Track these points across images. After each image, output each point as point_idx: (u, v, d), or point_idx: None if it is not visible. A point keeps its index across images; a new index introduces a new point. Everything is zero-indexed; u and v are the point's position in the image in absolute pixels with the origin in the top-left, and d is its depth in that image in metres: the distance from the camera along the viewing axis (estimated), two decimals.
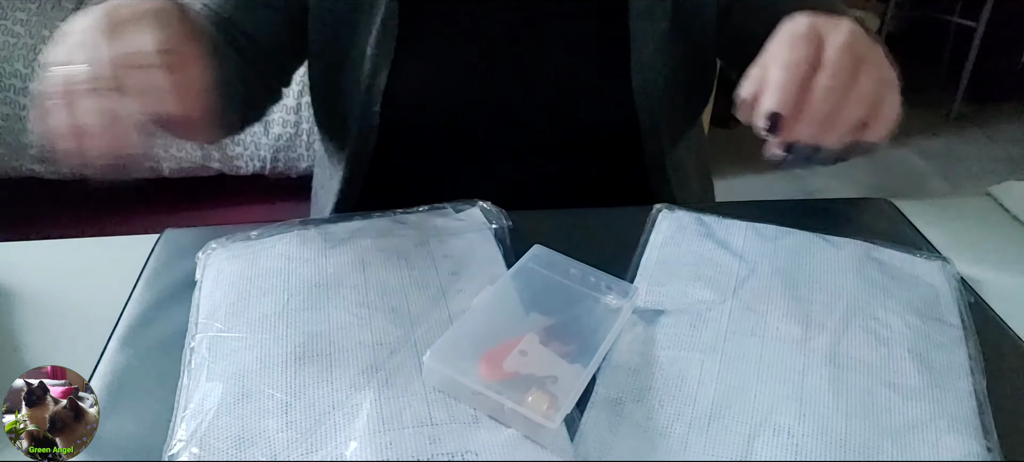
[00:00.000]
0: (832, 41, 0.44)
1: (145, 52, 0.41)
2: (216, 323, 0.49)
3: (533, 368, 0.44)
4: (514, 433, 0.42)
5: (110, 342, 0.50)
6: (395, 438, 0.41)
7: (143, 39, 0.42)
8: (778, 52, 0.44)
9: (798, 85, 0.43)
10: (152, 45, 0.41)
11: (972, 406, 0.45)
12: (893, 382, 0.46)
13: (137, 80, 0.41)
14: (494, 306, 0.49)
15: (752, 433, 0.43)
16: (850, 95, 0.43)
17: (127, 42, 0.41)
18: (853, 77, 0.43)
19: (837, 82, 0.43)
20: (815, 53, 0.43)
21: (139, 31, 0.42)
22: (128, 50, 0.41)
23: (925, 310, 0.51)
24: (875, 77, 0.44)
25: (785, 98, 0.43)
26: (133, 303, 0.53)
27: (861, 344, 0.48)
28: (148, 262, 0.58)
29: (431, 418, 0.42)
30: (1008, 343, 0.51)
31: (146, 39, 0.42)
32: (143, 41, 0.42)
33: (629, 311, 0.49)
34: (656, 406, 0.44)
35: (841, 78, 0.43)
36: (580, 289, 0.50)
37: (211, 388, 0.44)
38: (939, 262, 0.56)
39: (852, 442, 0.42)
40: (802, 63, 0.43)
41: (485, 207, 0.60)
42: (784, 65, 0.43)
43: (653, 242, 0.58)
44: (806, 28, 0.44)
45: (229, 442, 0.41)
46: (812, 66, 0.43)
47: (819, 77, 0.43)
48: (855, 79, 0.44)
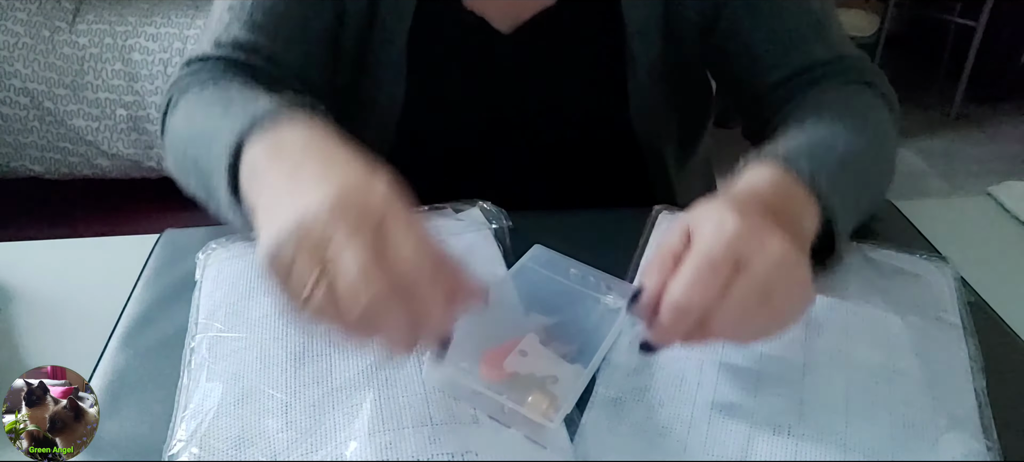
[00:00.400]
0: (744, 280, 0.39)
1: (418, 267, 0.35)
2: (216, 323, 0.49)
3: (533, 368, 0.44)
4: (514, 433, 0.42)
5: (110, 342, 0.50)
6: (395, 438, 0.41)
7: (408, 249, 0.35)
8: (688, 273, 0.39)
9: (693, 319, 0.40)
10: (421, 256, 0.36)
11: (972, 406, 0.45)
12: (892, 382, 0.46)
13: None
14: (494, 306, 0.48)
15: (752, 433, 0.43)
16: (744, 332, 0.41)
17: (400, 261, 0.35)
18: (758, 310, 0.40)
19: (733, 321, 0.40)
20: (723, 283, 0.39)
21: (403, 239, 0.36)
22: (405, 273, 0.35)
23: (925, 310, 0.51)
24: (780, 316, 0.42)
25: (673, 335, 0.41)
26: (133, 303, 0.53)
27: (861, 344, 0.48)
28: (148, 262, 0.58)
29: (431, 418, 0.42)
30: (1008, 343, 0.51)
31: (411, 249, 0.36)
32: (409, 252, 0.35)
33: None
34: (656, 406, 0.44)
35: (740, 316, 0.40)
36: (580, 289, 0.50)
37: (211, 388, 0.44)
38: (939, 262, 0.56)
39: (852, 442, 0.42)
40: (705, 298, 0.39)
41: (485, 207, 0.60)
42: (682, 302, 0.39)
43: (653, 243, 0.58)
44: (722, 250, 0.39)
45: (229, 442, 0.41)
46: (716, 295, 0.39)
47: (719, 313, 0.39)
48: (760, 312, 0.40)
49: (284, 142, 0.42)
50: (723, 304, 0.39)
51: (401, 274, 0.35)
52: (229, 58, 0.60)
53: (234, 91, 0.54)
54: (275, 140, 0.42)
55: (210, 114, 0.52)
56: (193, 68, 0.61)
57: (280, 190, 0.39)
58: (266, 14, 0.61)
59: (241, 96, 0.52)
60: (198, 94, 0.56)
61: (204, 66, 0.60)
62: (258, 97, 0.50)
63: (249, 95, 0.51)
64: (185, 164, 0.54)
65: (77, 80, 1.79)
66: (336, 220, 0.35)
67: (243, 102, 0.49)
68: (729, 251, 0.39)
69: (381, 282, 0.34)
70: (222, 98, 0.53)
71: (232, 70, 0.60)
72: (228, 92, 0.54)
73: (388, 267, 0.35)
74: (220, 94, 0.54)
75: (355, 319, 0.34)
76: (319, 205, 0.35)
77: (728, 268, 0.39)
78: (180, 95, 0.58)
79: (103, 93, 1.79)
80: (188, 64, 0.61)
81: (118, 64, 1.78)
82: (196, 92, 0.57)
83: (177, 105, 0.58)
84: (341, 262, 0.34)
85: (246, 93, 0.52)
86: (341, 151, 0.40)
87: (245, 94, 0.52)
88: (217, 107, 0.52)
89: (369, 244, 0.35)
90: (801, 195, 0.47)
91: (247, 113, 0.45)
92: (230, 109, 0.49)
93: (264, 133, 0.43)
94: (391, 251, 0.35)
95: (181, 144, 0.54)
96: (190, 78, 0.59)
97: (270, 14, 0.61)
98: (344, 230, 0.35)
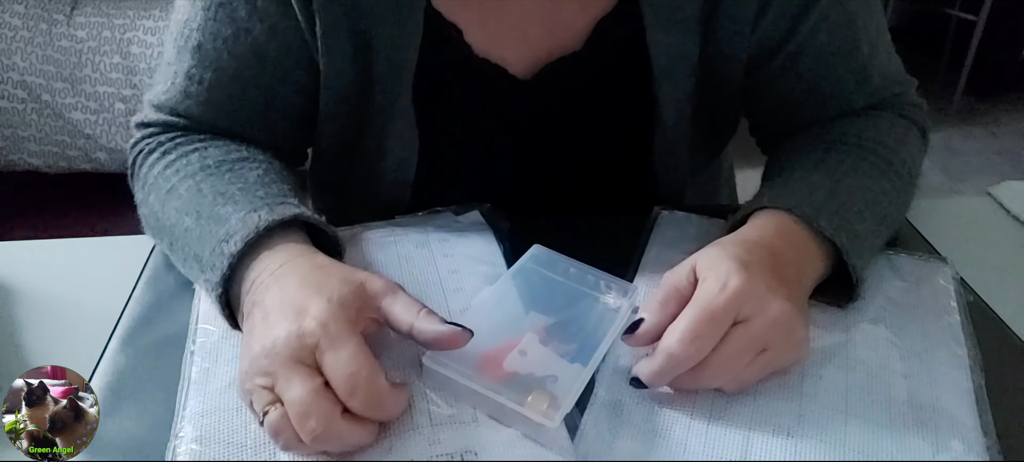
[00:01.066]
0: (740, 336, 0.42)
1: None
2: (217, 324, 0.49)
3: (533, 368, 0.44)
4: (514, 433, 0.42)
5: (110, 342, 0.50)
6: (395, 438, 0.41)
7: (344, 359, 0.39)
8: (688, 326, 0.42)
9: (686, 368, 0.42)
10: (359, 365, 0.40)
11: (972, 406, 0.45)
12: (892, 382, 0.46)
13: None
14: (494, 306, 0.48)
15: (751, 434, 0.43)
16: (734, 383, 0.44)
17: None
18: (751, 365, 0.43)
19: (724, 373, 0.43)
20: (720, 338, 0.42)
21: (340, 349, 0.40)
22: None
23: (924, 310, 0.51)
24: (770, 368, 0.44)
25: (665, 379, 0.43)
26: (133, 303, 0.53)
27: (860, 344, 0.48)
28: (148, 262, 0.58)
29: (431, 418, 0.42)
30: (1008, 343, 0.51)
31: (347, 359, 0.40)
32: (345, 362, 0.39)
33: (629, 311, 0.49)
34: (656, 407, 0.44)
35: (733, 369, 0.43)
36: (580, 288, 0.50)
37: (212, 388, 0.44)
38: (939, 262, 0.56)
39: (851, 442, 0.42)
40: (701, 352, 0.42)
41: (484, 209, 0.60)
42: (677, 353, 0.42)
43: (653, 242, 0.58)
44: (723, 307, 0.42)
45: (229, 443, 0.41)
46: (711, 348, 0.42)
47: (712, 365, 0.42)
48: (752, 366, 0.43)
49: (252, 283, 0.46)
50: (716, 358, 0.42)
51: (350, 394, 0.39)
52: (188, 127, 0.58)
53: (205, 191, 0.52)
54: (247, 282, 0.46)
55: (182, 223, 0.51)
56: (151, 132, 0.58)
57: (246, 329, 0.44)
58: (226, 96, 0.57)
59: (210, 205, 0.50)
60: (163, 175, 0.55)
61: (163, 131, 0.58)
62: (227, 217, 0.49)
63: (217, 213, 0.49)
64: (165, 247, 0.54)
65: (75, 73, 1.78)
66: (275, 364, 0.40)
67: (212, 222, 0.49)
68: (730, 308, 0.42)
69: (321, 408, 0.38)
70: (193, 203, 0.51)
71: (192, 135, 0.58)
72: (199, 193, 0.52)
73: (325, 392, 0.39)
74: (189, 197, 0.52)
75: (313, 441, 0.39)
76: (261, 349, 0.41)
77: (727, 324, 0.42)
78: (144, 160, 0.57)
79: (101, 86, 1.79)
80: (147, 125, 0.59)
81: (116, 57, 1.78)
82: (159, 171, 0.55)
83: (145, 178, 0.56)
84: (286, 399, 0.39)
85: (215, 201, 0.51)
86: (291, 282, 0.44)
87: (214, 207, 0.50)
88: (188, 218, 0.51)
89: (305, 377, 0.39)
90: (813, 247, 0.50)
91: (221, 252, 0.47)
92: (203, 232, 0.49)
93: (236, 275, 0.47)
94: (328, 372, 0.39)
95: (159, 228, 0.54)
96: (149, 141, 0.58)
97: (229, 96, 0.57)
98: (281, 374, 0.39)
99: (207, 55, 0.56)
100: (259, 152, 0.57)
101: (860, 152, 0.57)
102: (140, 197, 0.57)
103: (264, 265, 0.46)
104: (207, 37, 0.56)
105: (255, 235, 0.46)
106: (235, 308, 0.47)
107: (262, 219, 0.47)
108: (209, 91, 0.57)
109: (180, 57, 0.57)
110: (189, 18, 0.56)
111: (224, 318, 0.47)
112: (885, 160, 0.56)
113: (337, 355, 0.39)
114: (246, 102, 0.58)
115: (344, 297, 0.42)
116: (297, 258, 0.46)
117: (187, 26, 0.57)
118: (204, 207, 0.50)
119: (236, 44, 0.56)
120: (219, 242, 0.47)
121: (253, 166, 0.55)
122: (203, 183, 0.53)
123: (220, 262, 0.46)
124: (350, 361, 0.39)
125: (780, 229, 0.49)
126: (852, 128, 0.59)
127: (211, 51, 0.56)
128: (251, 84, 0.57)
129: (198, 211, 0.50)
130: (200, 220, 0.50)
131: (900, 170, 0.56)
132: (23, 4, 1.78)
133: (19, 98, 1.80)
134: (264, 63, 0.57)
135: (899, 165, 0.56)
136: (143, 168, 0.57)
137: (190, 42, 0.56)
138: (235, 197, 0.51)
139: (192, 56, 0.57)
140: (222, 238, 0.47)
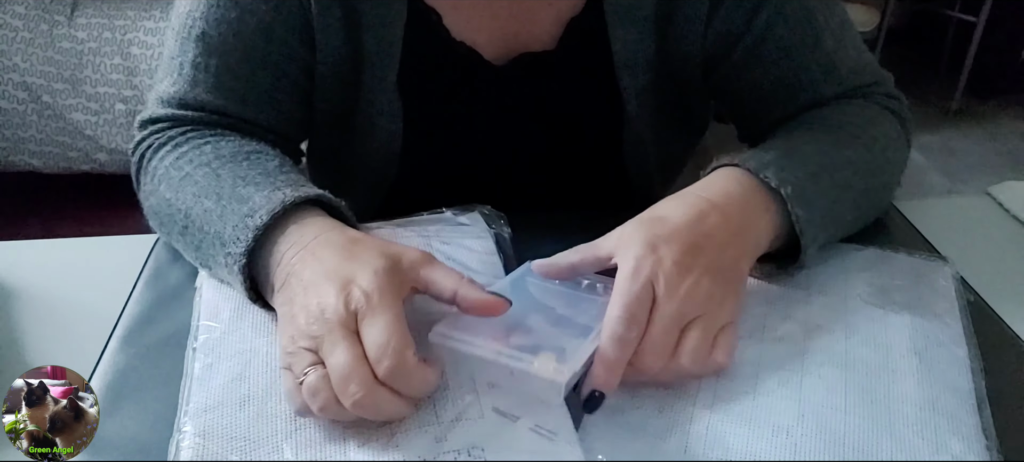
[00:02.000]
0: (655, 318, 0.43)
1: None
2: (218, 323, 0.49)
3: (539, 340, 0.44)
4: (522, 429, 0.42)
5: (110, 342, 0.50)
6: (399, 437, 0.41)
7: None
8: (611, 325, 0.43)
9: (622, 363, 0.43)
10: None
11: (972, 406, 0.45)
12: (892, 382, 0.46)
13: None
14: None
15: (751, 433, 0.43)
16: (672, 367, 0.44)
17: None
18: (679, 344, 0.44)
19: (661, 357, 0.43)
20: (641, 329, 0.43)
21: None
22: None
23: (924, 310, 0.51)
24: (711, 333, 0.45)
25: (607, 380, 0.43)
26: (133, 303, 0.53)
27: (860, 344, 0.48)
28: (148, 262, 0.58)
29: (437, 416, 0.42)
30: (1008, 343, 0.51)
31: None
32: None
33: None
34: (656, 408, 0.44)
35: (660, 352, 0.43)
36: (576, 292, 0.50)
37: (212, 388, 0.44)
38: (939, 262, 0.56)
39: (851, 442, 0.42)
40: (628, 351, 0.43)
41: (485, 212, 0.60)
42: (613, 341, 0.43)
43: None
44: (638, 298, 0.43)
45: (230, 442, 0.41)
46: (642, 329, 0.43)
47: (643, 353, 0.43)
48: (681, 346, 0.44)
49: (282, 254, 0.47)
50: (646, 341, 0.43)
51: (377, 361, 0.40)
52: (197, 119, 0.58)
53: (224, 176, 0.52)
54: (277, 254, 0.47)
55: (200, 205, 0.51)
56: (159, 127, 0.59)
57: (284, 298, 0.46)
58: (234, 78, 0.58)
59: (231, 187, 0.51)
60: (176, 165, 0.55)
61: (172, 125, 0.58)
62: (249, 196, 0.50)
63: (239, 194, 0.50)
64: (176, 235, 0.54)
65: (76, 74, 1.78)
66: (323, 328, 0.41)
67: (234, 201, 0.50)
68: (644, 297, 0.43)
69: (363, 374, 0.40)
70: (212, 186, 0.52)
71: (202, 128, 0.58)
72: (217, 178, 0.52)
73: (367, 360, 0.40)
74: (206, 182, 0.52)
75: (352, 405, 0.40)
76: (307, 316, 0.42)
77: (647, 302, 0.44)
78: (153, 154, 0.57)
79: (102, 87, 1.79)
80: (154, 121, 0.59)
81: (117, 58, 1.78)
82: (172, 161, 0.55)
83: (154, 170, 0.56)
84: (330, 363, 0.40)
85: (236, 184, 0.51)
86: (329, 253, 0.45)
87: (235, 189, 0.51)
88: (207, 200, 0.51)
89: (351, 342, 0.41)
90: (759, 201, 0.51)
91: (245, 226, 0.48)
92: (225, 211, 0.50)
93: (263, 248, 0.48)
94: (364, 338, 0.41)
95: (170, 214, 0.54)
96: (158, 136, 0.58)
97: (237, 78, 0.58)
98: (328, 338, 0.41)
99: (212, 41, 0.57)
100: (270, 147, 0.59)
101: (824, 127, 0.58)
102: (148, 188, 0.57)
103: (295, 238, 0.47)
104: (211, 24, 0.57)
105: (281, 209, 0.48)
106: (260, 281, 0.49)
107: (288, 196, 0.48)
108: (217, 76, 0.58)
109: (184, 48, 0.58)
110: (191, 9, 0.58)
111: (243, 290, 0.48)
112: (851, 134, 0.57)
113: (374, 322, 0.41)
114: (255, 83, 0.59)
115: (388, 267, 0.43)
116: (330, 231, 0.47)
117: (190, 17, 0.58)
118: (224, 190, 0.51)
119: (242, 25, 0.57)
120: (243, 217, 0.48)
121: (270, 157, 0.56)
122: (221, 169, 0.53)
123: (244, 235, 0.47)
124: (384, 329, 0.40)
125: (726, 185, 0.51)
126: (820, 112, 0.61)
127: (216, 37, 0.57)
128: (259, 64, 0.59)
129: (218, 193, 0.51)
130: (221, 201, 0.51)
131: (869, 144, 0.57)
132: (24, 5, 1.78)
133: (20, 99, 1.80)
134: (271, 41, 0.58)
135: (868, 140, 0.58)
136: (152, 161, 0.57)
137: (194, 31, 0.57)
138: (256, 180, 0.52)
139: (197, 44, 0.58)
140: (246, 213, 0.48)
